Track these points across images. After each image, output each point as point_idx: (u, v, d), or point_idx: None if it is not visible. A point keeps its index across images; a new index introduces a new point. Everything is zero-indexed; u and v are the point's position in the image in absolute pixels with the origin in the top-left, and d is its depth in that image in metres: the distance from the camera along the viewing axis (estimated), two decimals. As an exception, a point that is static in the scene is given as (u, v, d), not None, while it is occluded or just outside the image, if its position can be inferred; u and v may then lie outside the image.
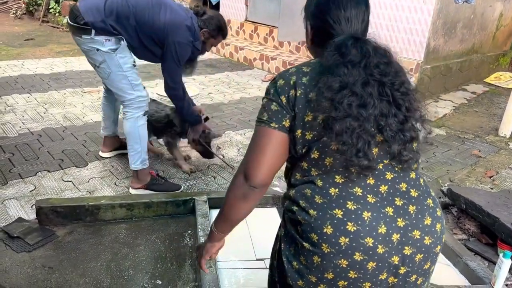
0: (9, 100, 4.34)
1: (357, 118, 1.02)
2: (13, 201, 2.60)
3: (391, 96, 1.06)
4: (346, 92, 1.03)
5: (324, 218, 1.05)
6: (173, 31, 2.61)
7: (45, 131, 3.67)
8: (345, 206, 1.05)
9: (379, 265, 1.03)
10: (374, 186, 1.08)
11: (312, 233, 1.06)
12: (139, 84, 2.68)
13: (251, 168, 1.11)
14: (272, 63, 6.34)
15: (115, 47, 2.53)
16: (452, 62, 5.61)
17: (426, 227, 1.07)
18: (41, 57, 6.26)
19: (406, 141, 1.07)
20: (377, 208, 1.05)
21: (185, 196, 2.61)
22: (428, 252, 1.08)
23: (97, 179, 2.95)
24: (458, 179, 3.33)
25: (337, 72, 1.05)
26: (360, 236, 1.02)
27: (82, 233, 2.36)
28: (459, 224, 2.70)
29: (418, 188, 1.12)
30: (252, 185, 1.12)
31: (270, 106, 1.13)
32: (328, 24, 1.17)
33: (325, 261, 1.04)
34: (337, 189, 1.08)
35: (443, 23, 5.08)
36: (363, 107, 1.03)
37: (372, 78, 1.05)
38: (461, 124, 4.62)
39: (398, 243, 1.04)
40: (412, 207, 1.08)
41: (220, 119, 4.29)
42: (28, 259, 2.12)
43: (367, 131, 1.03)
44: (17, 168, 3.00)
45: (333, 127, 1.02)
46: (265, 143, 1.12)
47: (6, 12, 9.81)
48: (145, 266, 2.14)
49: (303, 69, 1.14)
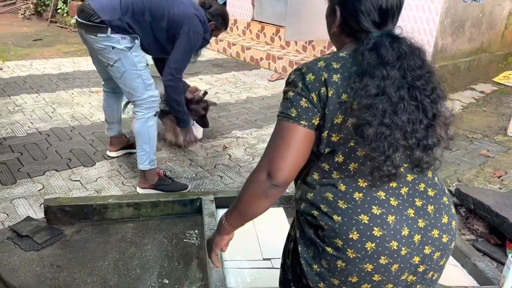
0: (17, 100, 4.38)
1: (389, 126, 0.99)
2: (21, 200, 2.63)
3: (420, 102, 1.02)
4: (383, 98, 0.99)
5: (350, 224, 1.03)
6: (188, 21, 2.70)
7: (53, 130, 3.69)
8: (370, 211, 1.04)
9: (401, 266, 1.04)
10: (395, 189, 1.07)
11: (336, 239, 1.04)
12: (152, 84, 2.68)
13: (276, 166, 1.04)
14: (278, 63, 6.33)
15: (131, 45, 2.54)
16: (460, 61, 5.57)
17: (444, 226, 1.09)
18: (49, 57, 6.31)
19: (428, 148, 1.04)
20: (399, 211, 1.05)
21: (192, 195, 2.61)
22: (445, 250, 1.10)
23: (104, 178, 2.96)
24: (466, 179, 3.30)
25: (376, 74, 1.00)
26: (386, 241, 1.02)
27: (89, 232, 2.37)
28: (468, 224, 2.68)
29: (435, 187, 1.13)
30: (275, 184, 1.05)
31: (299, 101, 1.05)
32: (361, 15, 1.09)
33: (350, 266, 1.04)
34: (361, 193, 1.06)
35: (451, 22, 5.05)
36: (395, 113, 0.99)
37: (405, 81, 1.02)
38: (469, 124, 4.59)
39: (419, 243, 1.05)
40: (430, 206, 1.09)
41: (227, 118, 4.30)
42: (36, 258, 2.14)
43: (397, 139, 1.00)
44: (25, 167, 3.02)
45: (366, 133, 0.98)
46: (292, 140, 1.05)
47: (15, 13, 9.90)
48: (152, 265, 2.15)
49: (333, 65, 1.06)
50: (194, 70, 5.79)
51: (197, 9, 2.81)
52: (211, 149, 3.57)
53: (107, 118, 3.18)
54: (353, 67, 1.05)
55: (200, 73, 5.95)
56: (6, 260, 2.09)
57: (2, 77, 5.16)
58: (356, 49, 1.07)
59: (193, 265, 2.17)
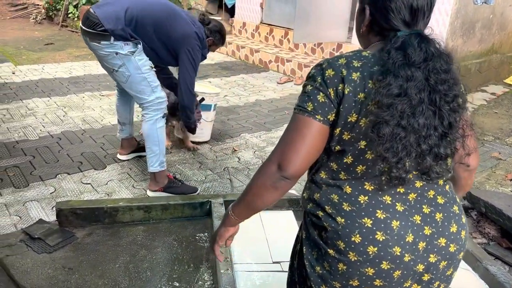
0: (29, 104, 4.44)
1: (406, 128, 0.97)
2: (34, 203, 2.66)
3: (438, 108, 1.00)
4: (404, 99, 0.97)
5: (353, 227, 1.03)
6: (188, 40, 2.77)
7: (65, 134, 3.73)
8: (374, 215, 1.03)
9: (404, 273, 1.02)
10: (403, 194, 1.06)
11: (339, 241, 1.04)
12: (158, 86, 2.73)
13: (287, 157, 1.03)
14: (287, 65, 6.33)
15: (134, 49, 2.60)
16: (471, 62, 5.53)
17: (452, 235, 1.06)
18: (60, 61, 6.38)
19: (440, 157, 1.01)
20: (405, 217, 1.04)
21: (202, 198, 2.62)
22: (452, 259, 1.07)
23: (115, 181, 2.99)
24: (477, 182, 3.28)
25: (400, 74, 0.98)
26: (388, 246, 1.01)
27: (100, 234, 2.40)
28: (479, 228, 2.66)
29: (445, 195, 1.10)
30: (285, 176, 1.04)
31: (317, 96, 1.04)
32: (391, 13, 1.07)
33: (351, 269, 1.03)
34: (367, 196, 1.05)
35: (461, 23, 5.02)
36: (413, 116, 0.97)
37: (428, 83, 0.99)
38: (480, 126, 4.55)
39: (424, 251, 1.03)
40: (439, 214, 1.06)
41: (236, 121, 4.31)
42: (48, 260, 2.16)
43: (411, 143, 0.98)
44: (37, 170, 3.06)
45: (382, 132, 0.97)
46: (307, 134, 1.04)
47: (27, 18, 10.03)
48: (162, 268, 2.16)
49: (353, 63, 1.05)
50: (203, 74, 5.82)
51: (196, 26, 2.85)
52: (220, 152, 3.58)
53: (119, 118, 3.23)
54: (374, 67, 1.04)
55: (209, 76, 5.98)
56: (19, 262, 2.12)
57: (14, 81, 5.23)
58: (381, 49, 1.05)
59: (203, 268, 2.18)
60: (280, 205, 2.65)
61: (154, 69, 2.72)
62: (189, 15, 2.89)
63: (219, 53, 7.58)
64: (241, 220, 1.21)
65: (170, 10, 2.75)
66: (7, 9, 10.48)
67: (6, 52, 6.74)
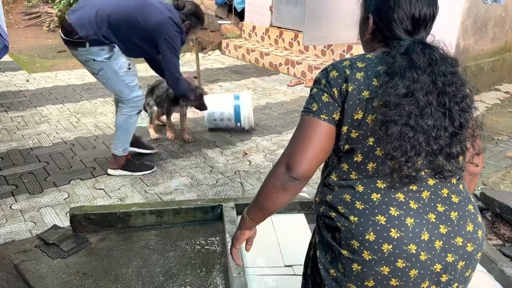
0: (43, 111, 4.51)
1: (414, 128, 0.98)
2: (48, 209, 2.70)
3: (448, 109, 1.01)
4: (411, 99, 0.99)
5: (366, 225, 1.03)
6: (163, 29, 2.81)
7: (78, 140, 3.78)
8: (388, 212, 1.03)
9: (421, 272, 1.01)
10: (416, 192, 1.05)
11: (352, 240, 1.04)
12: (135, 85, 2.95)
13: (295, 158, 1.06)
14: (297, 68, 6.33)
15: (109, 55, 2.77)
16: (484, 61, 5.46)
17: (469, 234, 1.05)
18: (73, 68, 6.47)
19: (451, 156, 1.02)
20: (419, 214, 1.03)
21: (213, 202, 2.63)
22: (470, 259, 1.06)
23: (127, 186, 3.02)
24: (492, 183, 3.23)
25: (407, 76, 1.00)
26: (403, 243, 1.00)
27: (114, 239, 2.42)
28: (494, 229, 2.62)
29: (459, 194, 1.09)
30: (293, 177, 1.06)
31: (321, 96, 1.08)
32: (393, 23, 1.10)
33: (366, 269, 1.02)
34: (379, 194, 1.05)
35: (473, 22, 4.96)
36: (421, 117, 0.99)
37: (435, 87, 1.01)
38: (494, 126, 4.48)
39: (441, 250, 1.02)
40: (454, 213, 1.05)
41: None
42: (63, 266, 2.19)
43: (420, 142, 0.99)
44: (51, 176, 3.11)
45: (390, 131, 0.98)
46: (313, 134, 1.07)
47: (40, 26, 10.20)
48: (175, 272, 2.18)
49: (357, 64, 1.08)
50: (213, 78, 5.85)
51: (171, 12, 2.88)
52: (231, 155, 3.59)
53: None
54: (378, 66, 1.06)
55: (220, 80, 6.00)
56: (34, 267, 2.15)
57: (28, 88, 5.32)
58: (385, 52, 1.08)
59: (215, 272, 2.19)
60: (291, 208, 2.64)
61: (131, 69, 2.89)
62: (162, 3, 2.92)
63: (229, 57, 7.61)
64: (256, 223, 1.23)
65: (140, 2, 2.81)
66: (21, 18, 10.68)
67: (21, 60, 6.86)
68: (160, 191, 2.97)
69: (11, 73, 5.99)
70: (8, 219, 2.57)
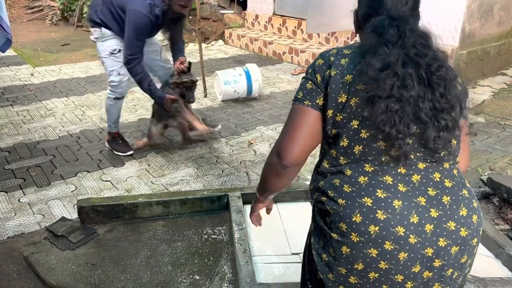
0: (48, 105, 4.52)
1: (399, 99, 0.99)
2: (56, 201, 2.72)
3: (426, 79, 1.01)
4: (389, 71, 1.00)
5: (353, 207, 1.04)
6: (132, 4, 2.76)
7: (83, 133, 3.80)
8: (374, 194, 1.03)
9: (411, 255, 1.00)
10: (405, 175, 1.05)
11: (340, 223, 1.05)
12: (113, 71, 3.06)
13: (284, 147, 1.12)
14: (301, 56, 6.29)
15: (98, 35, 2.96)
16: (490, 46, 5.39)
17: (462, 218, 1.04)
18: (77, 61, 6.47)
19: (440, 128, 1.01)
20: (408, 197, 1.03)
21: (219, 192, 2.64)
22: (465, 245, 1.04)
23: (134, 178, 3.03)
24: (499, 168, 3.21)
25: (379, 52, 1.02)
26: (390, 225, 1.00)
27: (121, 230, 2.44)
28: (501, 214, 2.61)
29: (453, 179, 1.08)
30: (284, 164, 1.12)
31: (306, 84, 1.14)
32: (371, 7, 1.15)
33: (354, 251, 1.02)
34: (367, 177, 1.06)
35: (478, 5, 4.89)
36: (404, 88, 1.00)
37: (409, 59, 1.01)
38: (501, 110, 4.44)
39: (432, 234, 1.01)
40: (446, 197, 1.04)
41: (251, 114, 4.31)
42: (72, 257, 2.21)
43: (408, 113, 1.00)
44: (58, 169, 3.13)
45: (376, 106, 0.99)
46: (299, 121, 1.12)
47: (43, 19, 10.19)
48: (182, 262, 2.19)
49: (343, 51, 1.13)
50: (217, 68, 5.82)
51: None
52: (236, 145, 3.59)
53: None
54: (360, 51, 1.09)
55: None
56: (43, 259, 2.18)
57: (33, 82, 5.33)
58: None
59: (223, 260, 2.20)
60: (297, 196, 2.64)
61: (115, 54, 2.99)
62: None
63: (232, 47, 7.58)
64: (267, 198, 1.38)
65: None
66: (24, 12, 10.67)
67: (24, 55, 6.87)
68: (167, 181, 2.99)
69: (16, 68, 6.01)
70: (17, 212, 2.60)
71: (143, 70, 2.97)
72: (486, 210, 2.66)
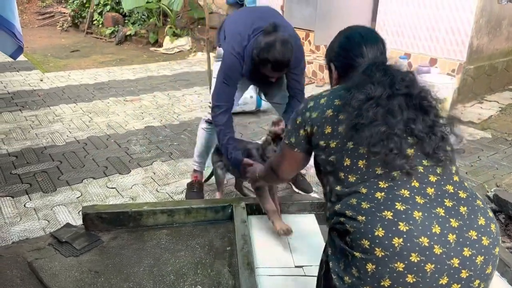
0: (57, 110, 4.56)
1: (385, 123, 1.10)
2: (61, 207, 2.73)
3: (418, 105, 1.15)
4: (372, 102, 1.13)
5: (374, 221, 1.04)
6: (226, 41, 2.43)
7: (90, 139, 3.82)
8: (394, 207, 1.04)
9: (438, 267, 0.99)
10: (420, 189, 1.07)
11: (362, 239, 1.04)
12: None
13: (278, 171, 1.55)
14: (308, 67, 6.31)
15: (217, 54, 2.64)
16: (498, 61, 5.38)
17: (482, 227, 1.04)
18: (85, 68, 6.54)
19: (437, 139, 1.12)
20: (427, 209, 1.04)
21: (224, 202, 2.64)
22: (488, 254, 1.04)
23: (139, 185, 3.04)
24: (505, 184, 3.19)
25: (365, 87, 1.16)
26: (413, 236, 1.00)
27: (125, 238, 2.44)
28: (507, 231, 2.59)
29: (466, 190, 1.11)
30: (280, 178, 1.58)
31: (296, 132, 1.36)
32: (352, 59, 1.35)
33: (380, 267, 1.01)
34: (383, 193, 1.08)
35: (486, 21, 4.89)
36: (390, 114, 1.11)
37: (399, 92, 1.15)
38: (508, 126, 4.42)
39: (456, 243, 1.00)
40: (463, 207, 1.06)
41: (257, 124, 4.33)
42: (75, 263, 2.22)
43: (396, 132, 1.09)
44: (64, 175, 3.15)
45: (362, 133, 1.11)
46: (291, 160, 1.46)
47: (54, 26, 10.32)
48: (186, 271, 2.19)
49: (322, 93, 1.34)
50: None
51: (252, 28, 2.34)
52: (242, 155, 3.59)
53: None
54: (340, 91, 1.26)
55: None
56: (47, 265, 2.18)
57: (42, 88, 5.39)
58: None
59: (226, 272, 2.19)
60: (302, 208, 2.64)
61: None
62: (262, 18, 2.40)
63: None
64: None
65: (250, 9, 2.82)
66: (35, 18, 10.82)
67: (35, 60, 6.95)
68: (172, 190, 2.99)
69: (26, 73, 6.08)
70: (23, 217, 2.61)
71: (226, 123, 2.47)
72: (492, 227, 2.63)
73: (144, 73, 6.36)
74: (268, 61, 2.21)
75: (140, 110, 4.67)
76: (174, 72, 6.44)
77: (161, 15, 8.63)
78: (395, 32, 5.53)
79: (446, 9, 4.84)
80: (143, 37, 8.62)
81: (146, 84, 5.72)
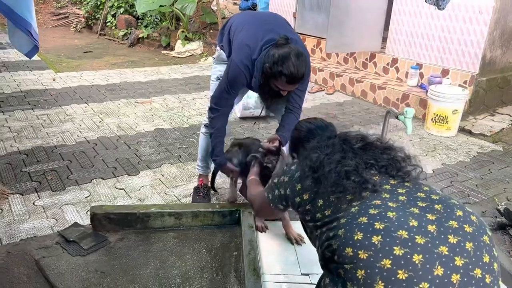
0: (68, 110, 4.60)
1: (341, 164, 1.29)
2: (70, 207, 2.75)
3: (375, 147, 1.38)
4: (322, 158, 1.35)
5: (352, 229, 1.10)
6: (234, 50, 2.42)
7: (100, 139, 3.85)
8: (368, 213, 1.13)
9: (426, 257, 0.99)
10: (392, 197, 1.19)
11: (346, 248, 1.08)
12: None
13: (255, 208, 1.96)
14: (319, 75, 6.31)
15: (216, 55, 2.76)
16: (510, 74, 5.34)
17: (486, 265, 1.02)
18: (98, 69, 6.59)
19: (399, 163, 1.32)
20: (401, 209, 1.11)
21: (231, 207, 2.64)
22: (477, 241, 1.03)
23: (147, 187, 3.05)
24: (516, 198, 3.15)
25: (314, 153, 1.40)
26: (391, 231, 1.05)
27: (132, 239, 2.44)
28: (517, 246, 2.55)
29: (471, 224, 1.07)
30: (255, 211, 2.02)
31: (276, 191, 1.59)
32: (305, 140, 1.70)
33: (369, 269, 1.01)
34: (357, 207, 1.17)
35: (500, 33, 4.86)
36: (344, 159, 1.31)
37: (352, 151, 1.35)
38: (519, 140, 4.38)
39: (438, 233, 1.02)
40: (469, 243, 1.03)
41: (266, 130, 4.33)
42: (82, 263, 2.22)
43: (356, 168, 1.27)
44: (74, 175, 3.17)
45: (324, 182, 1.28)
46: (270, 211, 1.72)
47: (67, 26, 10.45)
48: (191, 275, 2.18)
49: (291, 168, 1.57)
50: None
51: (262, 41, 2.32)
52: (250, 160, 3.59)
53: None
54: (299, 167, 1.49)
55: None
56: (54, 264, 2.19)
57: (55, 87, 5.44)
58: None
59: (231, 276, 2.19)
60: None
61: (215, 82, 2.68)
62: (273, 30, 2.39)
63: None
64: None
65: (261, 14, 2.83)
66: (50, 18, 10.95)
67: (48, 60, 7.03)
68: (180, 193, 3.00)
69: (39, 72, 6.15)
70: (31, 215, 2.63)
71: (220, 127, 2.53)
72: (501, 241, 2.60)
73: (155, 75, 6.40)
74: (282, 73, 2.16)
75: (150, 112, 4.69)
76: (185, 76, 6.48)
77: (173, 19, 8.70)
78: (407, 42, 5.52)
79: (459, 21, 4.82)
80: (155, 40, 8.69)
81: (157, 87, 5.76)
